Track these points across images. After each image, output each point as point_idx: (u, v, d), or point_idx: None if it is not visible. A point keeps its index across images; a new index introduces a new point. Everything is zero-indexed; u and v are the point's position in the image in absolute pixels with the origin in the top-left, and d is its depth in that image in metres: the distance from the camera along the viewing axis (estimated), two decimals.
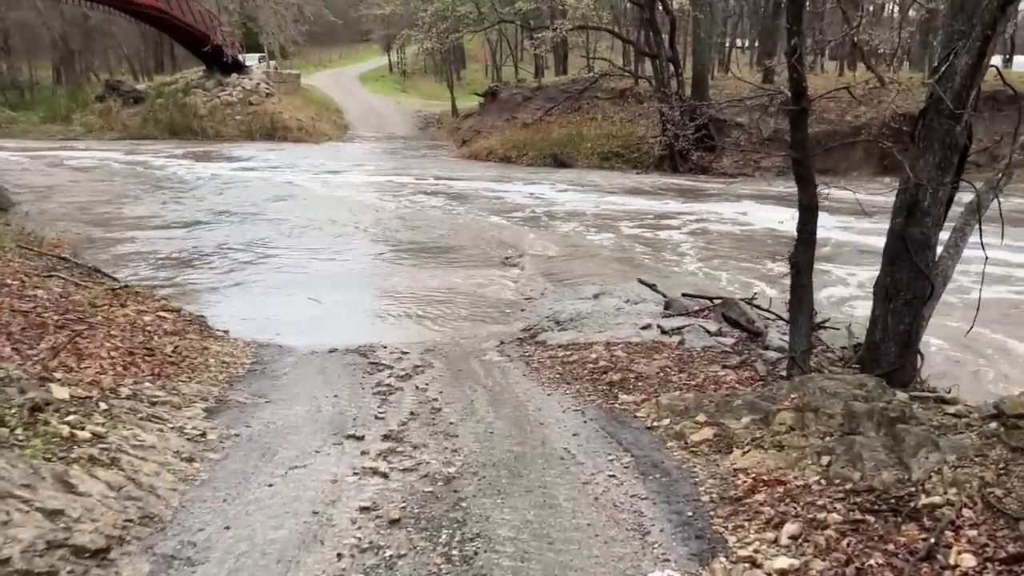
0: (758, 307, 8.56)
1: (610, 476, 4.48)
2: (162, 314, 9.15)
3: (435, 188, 22.77)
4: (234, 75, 38.16)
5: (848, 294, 11.26)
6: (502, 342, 8.69)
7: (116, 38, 47.22)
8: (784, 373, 6.47)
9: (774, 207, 18.69)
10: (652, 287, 9.96)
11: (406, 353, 8.10)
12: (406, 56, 52.28)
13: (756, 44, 39.03)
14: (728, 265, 13.06)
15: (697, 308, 8.82)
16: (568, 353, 7.81)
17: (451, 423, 5.66)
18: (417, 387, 6.73)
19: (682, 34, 26.89)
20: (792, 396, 4.58)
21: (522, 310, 10.12)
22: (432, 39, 24.75)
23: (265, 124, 35.72)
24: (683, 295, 9.16)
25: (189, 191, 22.06)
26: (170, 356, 7.15)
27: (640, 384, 6.48)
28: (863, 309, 9.97)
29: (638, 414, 5.62)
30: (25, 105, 40.80)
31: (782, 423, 4.35)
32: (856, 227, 14.44)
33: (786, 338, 7.52)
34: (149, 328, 8.18)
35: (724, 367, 6.79)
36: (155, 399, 5.48)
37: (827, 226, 15.92)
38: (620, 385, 6.51)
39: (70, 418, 4.38)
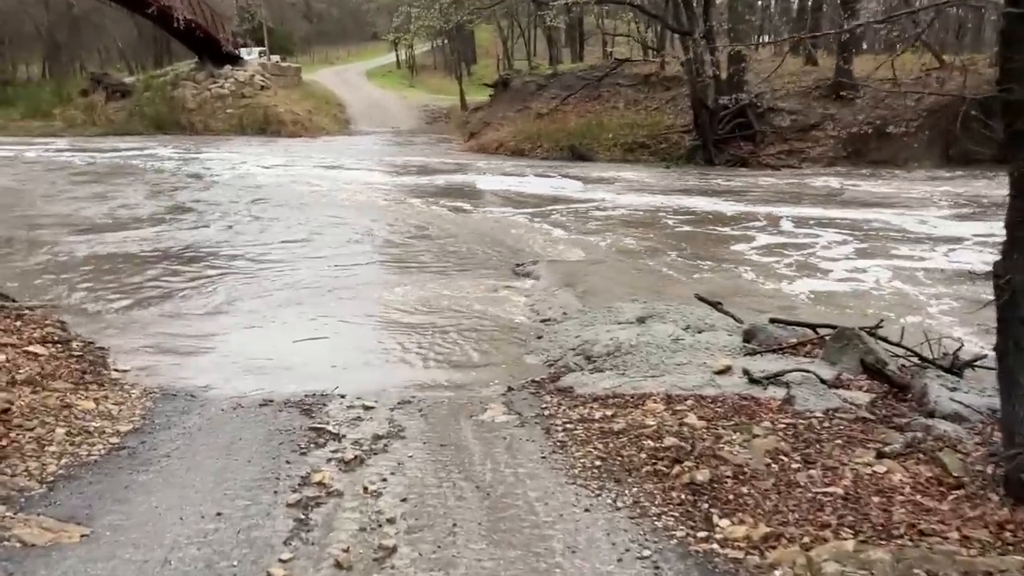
0: (885, 340, 5.81)
1: None
2: (33, 349, 6.53)
3: (433, 183, 20.08)
4: (227, 67, 35.64)
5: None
6: (510, 388, 5.98)
7: (108, 30, 44.76)
8: (996, 471, 3.74)
9: (837, 208, 16.09)
10: (717, 306, 7.21)
11: (370, 408, 5.46)
12: (413, 48, 49.74)
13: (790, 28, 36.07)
14: (807, 278, 10.23)
15: (795, 341, 6.07)
16: (610, 414, 5.09)
17: None
18: (367, 488, 4.05)
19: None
20: None
21: (538, 337, 7.37)
22: (435, 16, 22.07)
23: (258, 118, 33.05)
24: (772, 321, 6.40)
25: (141, 184, 19.52)
26: None
27: (746, 492, 3.74)
28: None
29: None
30: (8, 101, 38.34)
31: None
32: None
33: (958, 397, 4.79)
34: None
35: (879, 455, 4.05)
36: None
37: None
38: (710, 493, 3.78)
39: None
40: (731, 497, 3.72)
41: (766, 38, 43.33)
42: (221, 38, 35.11)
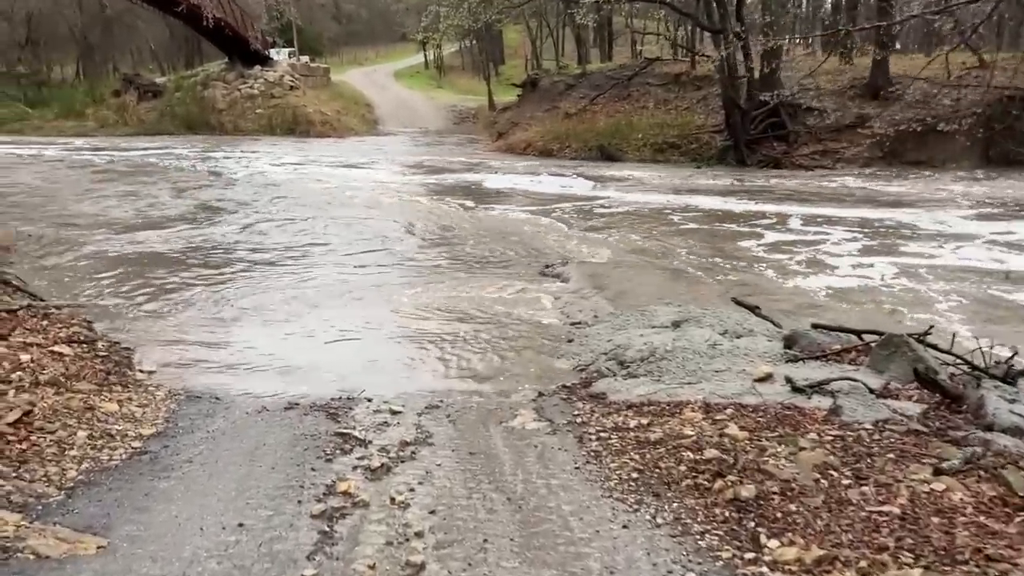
0: (934, 347, 5.54)
1: None
2: (59, 349, 6.46)
3: (459, 184, 19.96)
4: (257, 67, 35.88)
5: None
6: (541, 394, 5.80)
7: (140, 32, 45.30)
8: None
9: (883, 209, 15.70)
10: (755, 310, 6.97)
11: (397, 413, 5.30)
12: (441, 49, 49.85)
13: (824, 27, 35.47)
14: (828, 276, 9.95)
15: (838, 347, 5.82)
16: (645, 422, 4.89)
17: None
18: (394, 499, 3.88)
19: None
20: None
21: (569, 341, 7.18)
22: (463, 16, 21.95)
23: (287, 118, 33.23)
24: (814, 326, 6.15)
25: (166, 184, 19.57)
26: (2, 433, 4.41)
27: (795, 510, 3.52)
28: None
29: None
30: (43, 101, 38.90)
31: None
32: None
33: (1018, 410, 4.51)
34: (16, 375, 5.50)
35: (936, 471, 3.81)
36: None
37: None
38: (756, 510, 3.56)
39: None
40: (779, 515, 3.50)
41: (798, 38, 42.84)
42: (250, 36, 35.33)
